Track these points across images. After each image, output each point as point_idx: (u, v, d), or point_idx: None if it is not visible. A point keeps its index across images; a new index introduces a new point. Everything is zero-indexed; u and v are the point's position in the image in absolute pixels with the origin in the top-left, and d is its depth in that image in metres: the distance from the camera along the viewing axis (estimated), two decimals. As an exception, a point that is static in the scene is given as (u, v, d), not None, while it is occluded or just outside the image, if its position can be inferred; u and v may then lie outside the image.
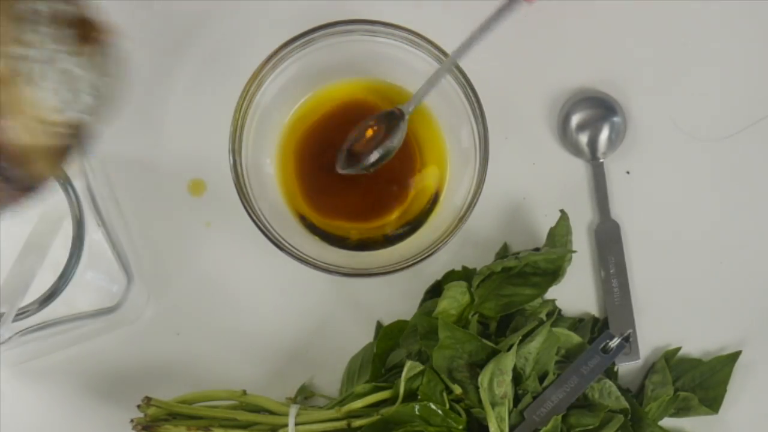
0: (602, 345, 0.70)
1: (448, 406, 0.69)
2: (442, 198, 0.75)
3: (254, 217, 0.70)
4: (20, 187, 0.52)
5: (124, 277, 0.68)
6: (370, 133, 0.72)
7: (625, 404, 0.70)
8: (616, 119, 0.78)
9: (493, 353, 0.69)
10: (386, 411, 0.69)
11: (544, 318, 0.72)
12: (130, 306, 0.70)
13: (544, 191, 0.78)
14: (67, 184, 0.62)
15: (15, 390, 0.76)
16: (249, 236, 0.71)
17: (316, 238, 0.75)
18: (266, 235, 0.70)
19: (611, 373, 0.75)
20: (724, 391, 0.74)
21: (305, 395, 0.75)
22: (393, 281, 0.76)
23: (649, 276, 0.78)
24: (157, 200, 0.77)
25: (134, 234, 0.77)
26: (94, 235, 0.65)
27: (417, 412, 0.68)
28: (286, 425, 0.70)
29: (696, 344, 0.77)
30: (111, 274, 0.67)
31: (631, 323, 0.76)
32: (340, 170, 0.74)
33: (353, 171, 0.73)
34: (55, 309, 0.62)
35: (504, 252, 0.77)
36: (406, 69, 0.74)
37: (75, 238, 0.61)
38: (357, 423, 0.69)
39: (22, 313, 0.61)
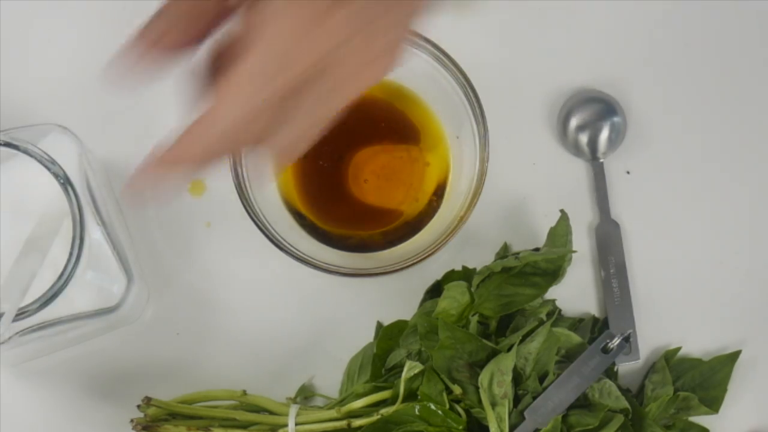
0: (602, 345, 0.71)
1: (448, 406, 0.69)
2: (442, 198, 0.75)
3: (254, 217, 0.70)
4: None
5: (124, 277, 0.68)
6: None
7: (625, 404, 0.70)
8: (616, 119, 0.78)
9: (493, 353, 0.69)
10: (386, 411, 0.69)
11: (544, 318, 0.72)
12: (130, 306, 0.70)
13: (544, 191, 0.78)
14: (67, 184, 0.62)
15: (15, 390, 0.76)
16: (249, 236, 0.71)
17: (316, 238, 0.75)
18: (266, 235, 0.70)
19: (611, 373, 0.75)
20: (725, 390, 0.74)
21: (305, 395, 0.75)
22: (393, 281, 0.76)
23: (649, 276, 0.78)
24: (156, 200, 0.77)
25: (134, 234, 0.77)
26: (94, 235, 0.65)
27: (417, 412, 0.68)
28: (286, 425, 0.70)
29: (696, 344, 0.77)
30: (111, 274, 0.67)
31: (631, 323, 0.76)
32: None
33: None
34: (55, 309, 0.62)
35: (504, 252, 0.77)
36: (406, 69, 0.74)
37: (75, 238, 0.61)
38: (357, 423, 0.69)
39: (22, 313, 0.61)
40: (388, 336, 0.73)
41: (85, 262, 0.63)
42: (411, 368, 0.69)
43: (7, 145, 0.61)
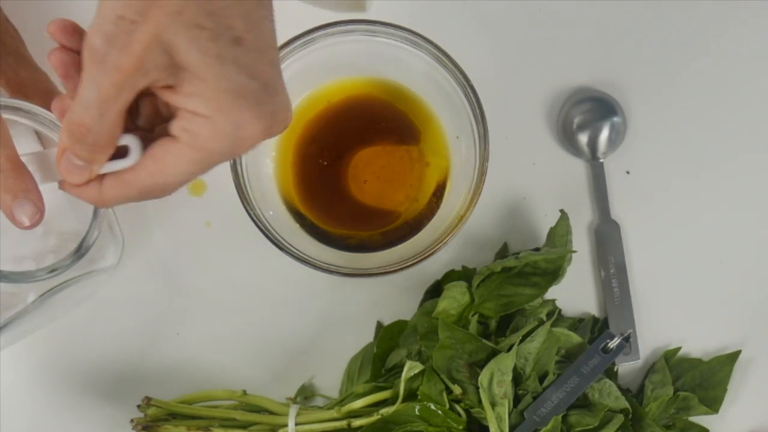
0: (602, 345, 0.71)
1: (448, 406, 0.69)
2: (442, 198, 0.75)
3: (254, 217, 0.70)
4: None
5: (120, 236, 0.68)
6: None
7: (625, 404, 0.70)
8: (616, 119, 0.78)
9: (493, 353, 0.69)
10: (386, 411, 0.69)
11: (544, 318, 0.72)
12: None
13: (544, 191, 0.78)
14: None
15: (15, 390, 0.76)
16: (249, 236, 0.71)
17: (316, 238, 0.75)
18: (266, 235, 0.70)
19: (611, 373, 0.75)
20: (724, 390, 0.74)
21: (305, 395, 0.75)
22: (393, 281, 0.76)
23: (649, 276, 0.78)
24: (157, 200, 0.77)
25: (134, 234, 0.77)
26: None
27: (417, 412, 0.68)
28: (286, 425, 0.70)
29: (696, 344, 0.77)
30: (113, 232, 0.68)
31: (631, 323, 0.76)
32: None
33: None
34: (77, 267, 0.63)
35: (504, 252, 0.77)
36: (406, 69, 0.74)
37: None
38: (357, 423, 0.69)
39: (55, 270, 0.61)
40: (388, 336, 0.74)
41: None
42: (411, 368, 0.69)
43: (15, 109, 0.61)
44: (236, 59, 0.50)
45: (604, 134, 0.78)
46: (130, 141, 0.53)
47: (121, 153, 0.53)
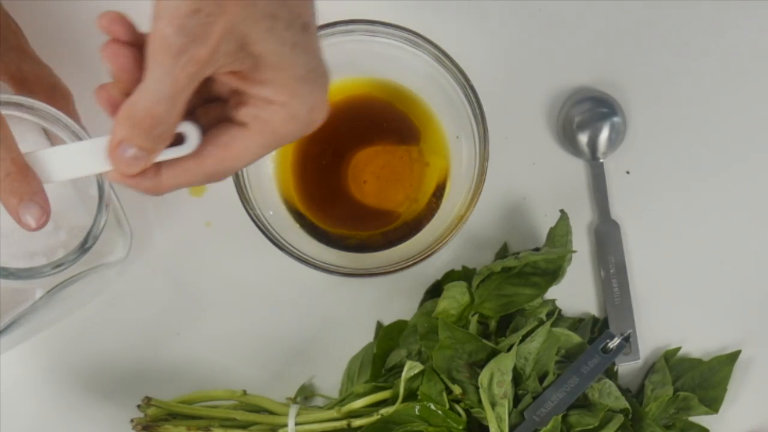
0: (602, 345, 0.71)
1: (448, 406, 0.69)
2: (442, 198, 0.75)
3: (254, 217, 0.70)
4: None
5: (128, 228, 0.68)
6: None
7: (625, 404, 0.70)
8: (616, 119, 0.78)
9: (493, 353, 0.69)
10: (386, 411, 0.69)
11: (544, 318, 0.72)
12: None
13: (544, 191, 0.78)
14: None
15: (16, 390, 0.76)
16: (249, 236, 0.71)
17: (316, 238, 0.75)
18: (266, 235, 0.70)
19: (611, 373, 0.75)
20: (724, 390, 0.74)
21: (305, 395, 0.75)
22: (393, 281, 0.76)
23: (649, 276, 0.78)
24: (157, 200, 0.78)
25: (135, 234, 0.77)
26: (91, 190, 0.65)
27: (417, 412, 0.68)
28: (286, 425, 0.70)
29: (696, 344, 0.77)
30: (120, 224, 0.68)
31: (631, 323, 0.76)
32: None
33: None
34: (84, 261, 0.62)
35: (504, 252, 0.77)
36: (406, 69, 0.74)
37: (102, 184, 0.61)
38: (357, 423, 0.69)
39: (60, 265, 0.61)
40: (388, 336, 0.74)
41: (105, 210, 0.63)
42: (411, 368, 0.69)
43: (21, 106, 0.60)
44: (306, 45, 0.51)
45: (604, 134, 0.78)
46: (188, 128, 0.53)
47: (175, 140, 0.53)
